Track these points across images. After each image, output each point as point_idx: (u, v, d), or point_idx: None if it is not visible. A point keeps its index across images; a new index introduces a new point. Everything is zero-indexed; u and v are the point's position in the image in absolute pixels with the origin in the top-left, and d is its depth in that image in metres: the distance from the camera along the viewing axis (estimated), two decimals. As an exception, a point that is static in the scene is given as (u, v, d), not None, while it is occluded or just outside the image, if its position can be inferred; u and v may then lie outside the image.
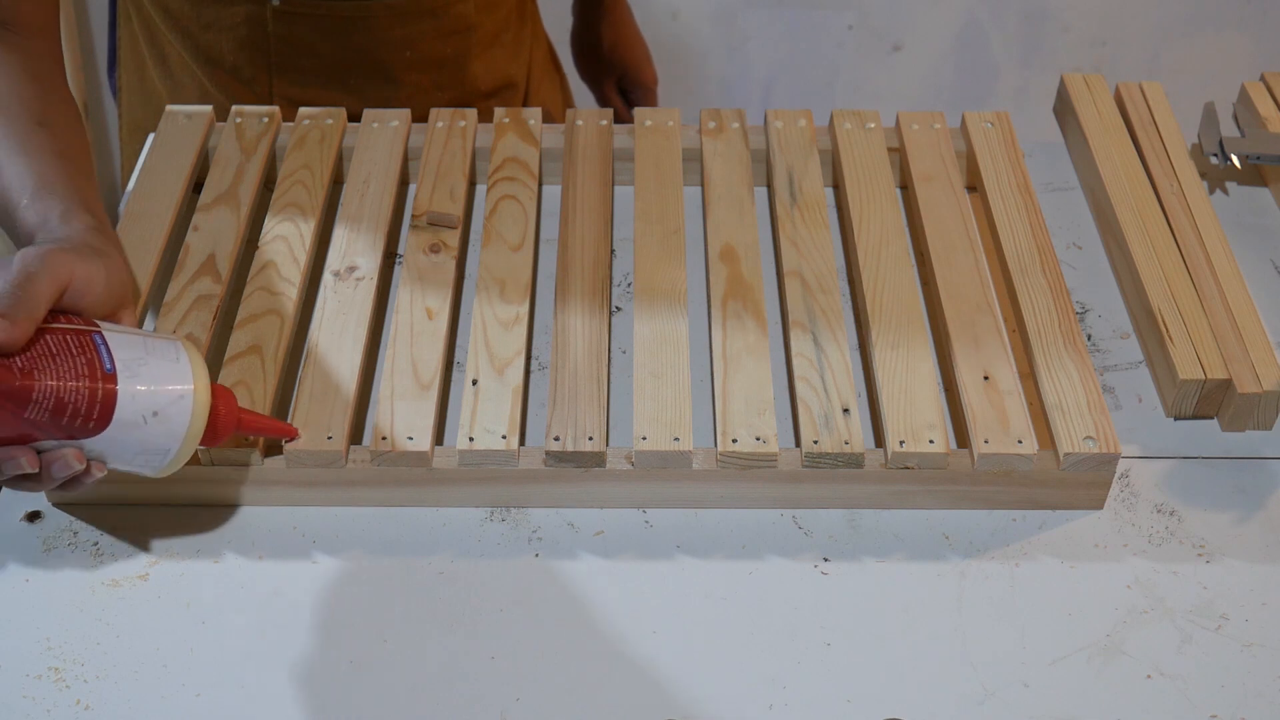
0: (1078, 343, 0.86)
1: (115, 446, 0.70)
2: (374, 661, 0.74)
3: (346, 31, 1.12)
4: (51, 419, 0.67)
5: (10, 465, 0.67)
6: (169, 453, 0.71)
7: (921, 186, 0.99)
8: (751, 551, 0.80)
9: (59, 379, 0.67)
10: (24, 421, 0.66)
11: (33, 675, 0.73)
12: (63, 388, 0.67)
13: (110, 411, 0.68)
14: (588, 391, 0.83)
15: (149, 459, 0.71)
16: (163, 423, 0.70)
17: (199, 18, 1.12)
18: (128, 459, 0.71)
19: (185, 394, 0.71)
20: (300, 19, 1.11)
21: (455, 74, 1.18)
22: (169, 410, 0.70)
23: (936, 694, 0.73)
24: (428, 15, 1.14)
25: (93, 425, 0.68)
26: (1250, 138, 1.06)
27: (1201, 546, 0.81)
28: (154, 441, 0.71)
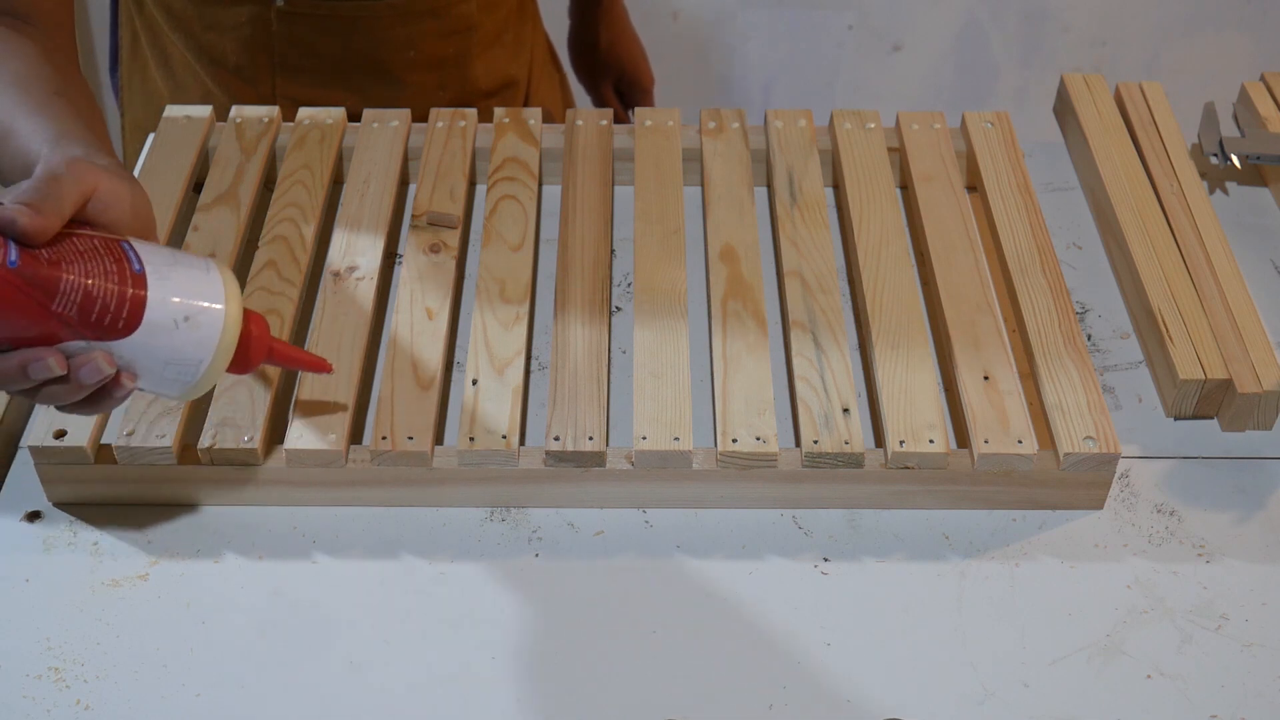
0: (1078, 343, 0.86)
1: (145, 353, 0.67)
2: (374, 661, 0.74)
3: (350, 31, 1.12)
4: (80, 314, 0.64)
5: (38, 367, 0.64)
6: (200, 364, 0.68)
7: (921, 186, 0.99)
8: (751, 551, 0.80)
9: (87, 274, 0.65)
10: (51, 315, 0.64)
11: (33, 675, 0.73)
12: (91, 282, 0.65)
13: (140, 311, 0.66)
14: (588, 391, 0.83)
15: (179, 371, 0.68)
16: (194, 329, 0.68)
17: (202, 18, 1.12)
18: (157, 370, 0.68)
19: (217, 302, 0.68)
20: (304, 19, 1.11)
21: (457, 73, 1.18)
22: (200, 318, 0.68)
23: (936, 694, 0.73)
24: (430, 15, 1.14)
25: (122, 325, 0.66)
26: (1250, 138, 1.06)
27: (1201, 546, 0.81)
28: (185, 350, 0.68)
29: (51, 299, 0.64)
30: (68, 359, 0.65)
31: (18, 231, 0.63)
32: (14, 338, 0.64)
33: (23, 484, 0.83)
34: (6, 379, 0.65)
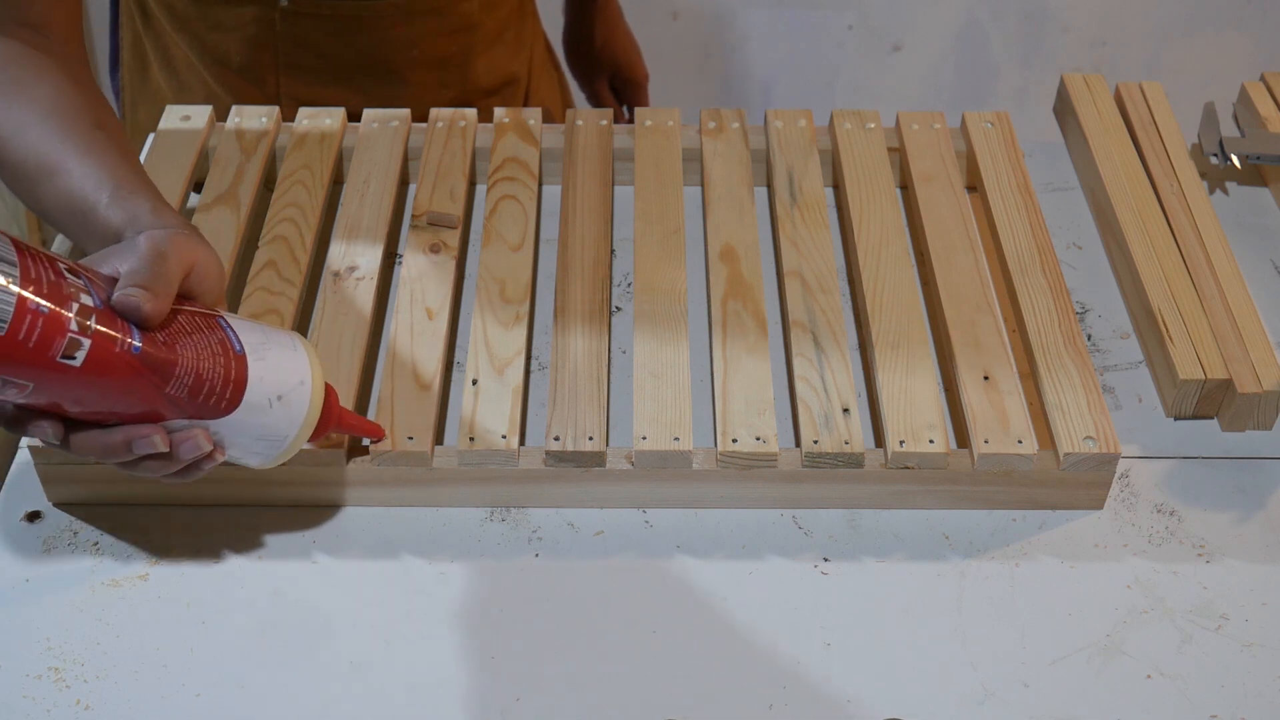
0: (1078, 343, 0.86)
1: (238, 430, 0.69)
2: (374, 661, 0.74)
3: (354, 31, 1.13)
4: (189, 396, 0.66)
5: (143, 444, 0.66)
6: (285, 440, 0.72)
7: (921, 186, 0.99)
8: (751, 551, 0.80)
9: (198, 358, 0.67)
10: (163, 397, 0.66)
11: (33, 675, 0.73)
12: (201, 365, 0.67)
13: (241, 392, 0.68)
14: (588, 391, 0.83)
15: (266, 446, 0.71)
16: (285, 408, 0.71)
17: (206, 18, 1.12)
18: (245, 444, 0.71)
19: (305, 381, 0.71)
20: (308, 19, 1.12)
21: (459, 72, 1.19)
22: (291, 396, 0.71)
23: (936, 694, 0.73)
24: (433, 14, 1.14)
25: (224, 405, 0.68)
26: (1250, 138, 1.06)
27: (1201, 546, 0.81)
28: (274, 427, 0.71)
29: (167, 383, 0.66)
30: (169, 434, 0.67)
31: (141, 317, 0.65)
32: (122, 414, 0.66)
33: (23, 484, 0.83)
34: (109, 451, 0.67)
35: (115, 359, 0.63)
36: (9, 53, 0.80)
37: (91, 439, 0.67)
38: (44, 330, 0.60)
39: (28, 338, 0.60)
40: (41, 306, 0.60)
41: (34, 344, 0.60)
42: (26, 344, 0.60)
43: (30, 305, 0.60)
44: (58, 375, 0.62)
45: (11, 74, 0.79)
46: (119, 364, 0.63)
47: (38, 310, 0.60)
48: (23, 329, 0.60)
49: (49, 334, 0.61)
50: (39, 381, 0.62)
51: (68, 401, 0.64)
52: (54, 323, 0.61)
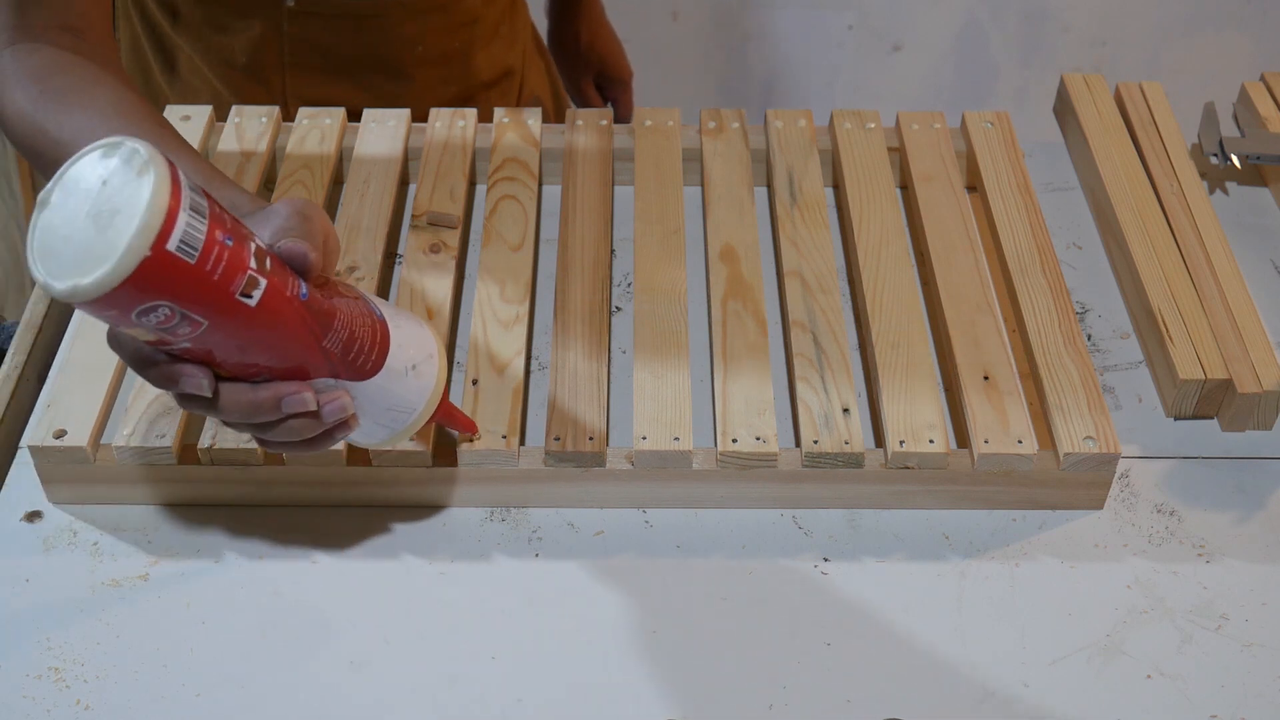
0: (1078, 343, 0.86)
1: (374, 397, 0.69)
2: (374, 661, 0.74)
3: (360, 29, 1.13)
4: (342, 351, 0.66)
5: (293, 400, 0.65)
6: (413, 412, 0.71)
7: (921, 186, 0.99)
8: (751, 551, 0.80)
9: (350, 313, 0.67)
10: (319, 350, 0.65)
11: (33, 675, 0.73)
12: (354, 322, 0.67)
13: (384, 356, 0.68)
14: (588, 391, 0.83)
15: (394, 417, 0.71)
16: (418, 378, 0.70)
17: (209, 21, 1.12)
18: (377, 414, 0.70)
19: (433, 355, 0.71)
20: (315, 19, 1.12)
21: (461, 67, 1.20)
22: (424, 367, 0.71)
23: (936, 694, 0.73)
24: (438, 10, 1.15)
25: (369, 367, 0.68)
26: (1250, 138, 1.06)
27: (1201, 546, 0.81)
28: (406, 397, 0.70)
29: (326, 334, 0.65)
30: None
31: (307, 265, 0.65)
32: (275, 368, 0.65)
33: (23, 484, 0.83)
34: (259, 409, 0.65)
35: (285, 303, 0.63)
36: (58, 60, 0.79)
37: (240, 393, 0.65)
38: (229, 264, 0.59)
39: (214, 269, 0.59)
40: (227, 240, 0.60)
41: (219, 277, 0.59)
42: (212, 276, 0.59)
43: (218, 238, 0.59)
44: (233, 313, 0.61)
45: (65, 81, 0.79)
46: (288, 308, 0.63)
47: (224, 244, 0.59)
48: (210, 260, 0.59)
49: (232, 269, 0.60)
50: (214, 319, 0.60)
51: (232, 347, 0.63)
52: (237, 259, 0.60)
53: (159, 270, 0.57)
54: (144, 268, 0.56)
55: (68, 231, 0.58)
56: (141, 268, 0.56)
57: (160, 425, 0.80)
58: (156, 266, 0.57)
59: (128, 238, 0.56)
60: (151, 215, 0.56)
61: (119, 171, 0.58)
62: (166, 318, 0.59)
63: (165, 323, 0.59)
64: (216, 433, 0.80)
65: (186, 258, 0.58)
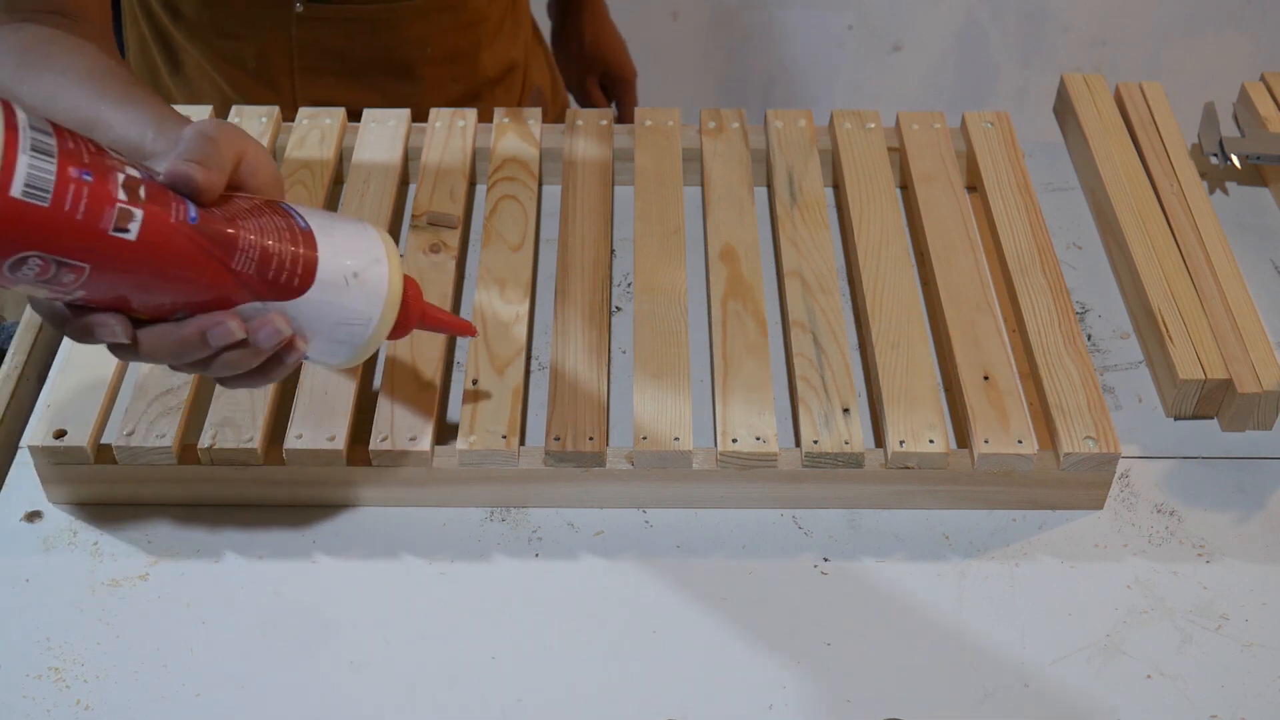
0: (1078, 343, 0.86)
1: (317, 313, 0.65)
2: (374, 661, 0.74)
3: (370, 32, 1.13)
4: (258, 272, 0.63)
5: (218, 332, 0.62)
6: (370, 321, 0.67)
7: (921, 186, 0.99)
8: (751, 551, 0.80)
9: (261, 232, 0.63)
10: (230, 274, 0.62)
11: (33, 675, 0.73)
12: (266, 240, 0.63)
13: (313, 269, 0.65)
14: (588, 391, 0.83)
15: (349, 331, 0.67)
16: (362, 285, 0.67)
17: (218, 25, 1.12)
18: (328, 331, 0.67)
19: (380, 258, 0.68)
20: (325, 23, 1.12)
21: (468, 65, 1.20)
22: (368, 273, 0.67)
23: (936, 694, 0.73)
24: (447, 10, 1.16)
25: (298, 283, 0.64)
26: (1250, 138, 1.06)
27: (1201, 546, 0.81)
28: (355, 308, 0.67)
29: (231, 257, 0.62)
30: (244, 322, 0.64)
31: (194, 187, 0.62)
32: (190, 301, 0.62)
33: (23, 484, 0.83)
34: (185, 348, 0.63)
35: (171, 230, 0.60)
36: (42, 34, 0.79)
37: (162, 334, 0.63)
38: (90, 200, 0.57)
39: (74, 208, 0.56)
40: (84, 174, 0.57)
41: (82, 215, 0.56)
42: (74, 215, 0.56)
43: (72, 174, 0.56)
44: (113, 251, 0.58)
45: (44, 50, 0.78)
46: (176, 236, 0.60)
47: (80, 179, 0.56)
48: (67, 199, 0.56)
49: (96, 204, 0.57)
50: (94, 260, 0.58)
51: (129, 288, 0.60)
52: (100, 194, 0.57)
53: (8, 219, 0.54)
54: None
55: None
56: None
57: (160, 425, 0.80)
58: (4, 216, 0.54)
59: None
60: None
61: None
62: (41, 268, 0.56)
63: (42, 274, 0.57)
64: (216, 433, 0.80)
65: (38, 201, 0.55)
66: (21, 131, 0.55)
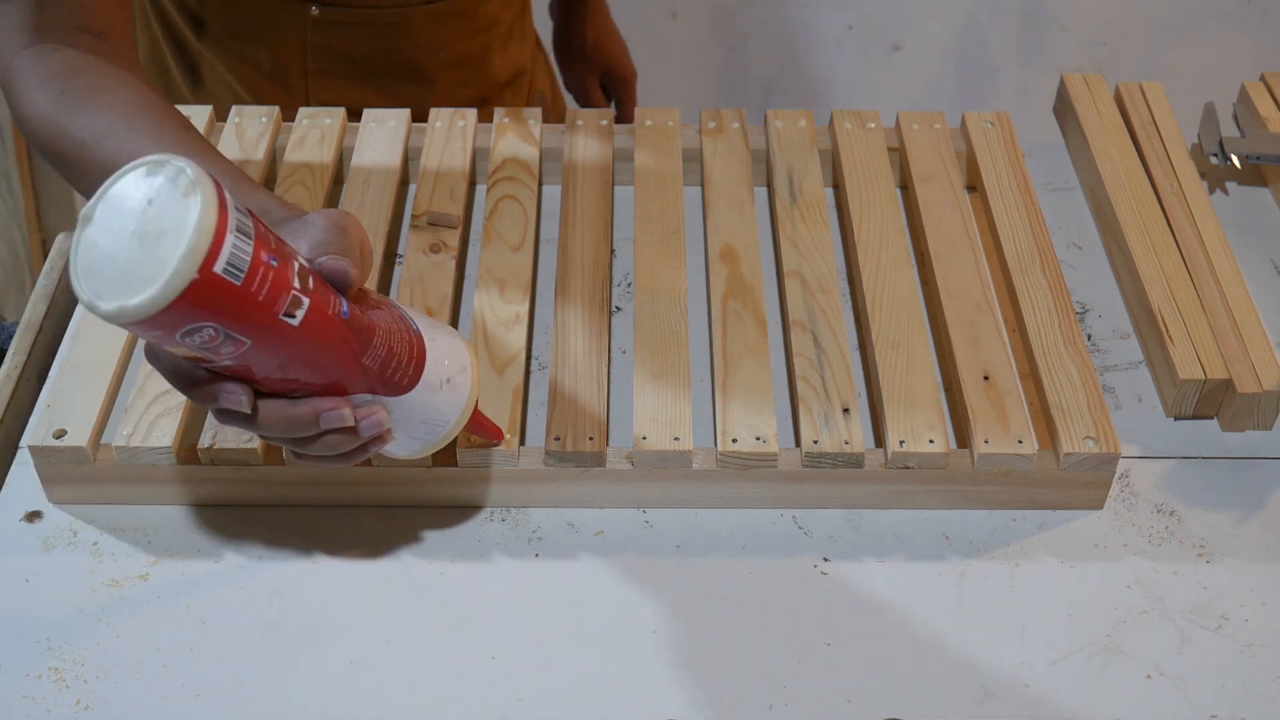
0: (1078, 343, 0.86)
1: (409, 411, 0.69)
2: (374, 661, 0.74)
3: (385, 36, 1.14)
4: (380, 367, 0.66)
5: (332, 416, 0.65)
6: (446, 425, 0.71)
7: (921, 186, 0.99)
8: (751, 551, 0.80)
9: (389, 330, 0.66)
10: (359, 366, 0.65)
11: (33, 675, 0.73)
12: (392, 338, 0.67)
13: (420, 371, 0.68)
14: (588, 391, 0.83)
15: (429, 430, 0.71)
16: (451, 392, 0.70)
17: (232, 28, 1.12)
18: (410, 428, 0.70)
19: (467, 368, 0.72)
20: (339, 26, 1.12)
21: (479, 69, 1.21)
22: (457, 380, 0.71)
23: (936, 694, 0.73)
24: (460, 16, 1.16)
25: (406, 382, 0.68)
26: (1250, 138, 1.06)
27: (1201, 546, 0.81)
28: (439, 411, 0.70)
29: (365, 351, 0.65)
30: None
31: (348, 282, 0.64)
32: (314, 384, 0.65)
33: (23, 484, 0.83)
34: (297, 425, 0.66)
35: (328, 321, 0.63)
36: (77, 61, 0.79)
37: (278, 409, 0.65)
38: (274, 285, 0.59)
39: (259, 290, 0.59)
40: (272, 261, 0.59)
41: (264, 298, 0.59)
42: (257, 296, 0.59)
43: (263, 259, 0.59)
44: (277, 333, 0.61)
45: (87, 81, 0.78)
46: (330, 327, 0.63)
47: (269, 265, 0.59)
48: (255, 281, 0.59)
49: (277, 289, 0.60)
50: (258, 338, 0.60)
51: (271, 365, 0.63)
52: (281, 279, 0.60)
53: (205, 292, 0.57)
54: (191, 290, 0.56)
55: (112, 250, 0.58)
56: (189, 290, 0.56)
57: (160, 425, 0.80)
58: (203, 289, 0.57)
59: (175, 260, 0.56)
60: (199, 237, 0.56)
61: (164, 190, 0.58)
62: (211, 338, 0.59)
63: (209, 342, 0.59)
64: (216, 433, 0.80)
65: (233, 279, 0.58)
66: (230, 213, 0.58)
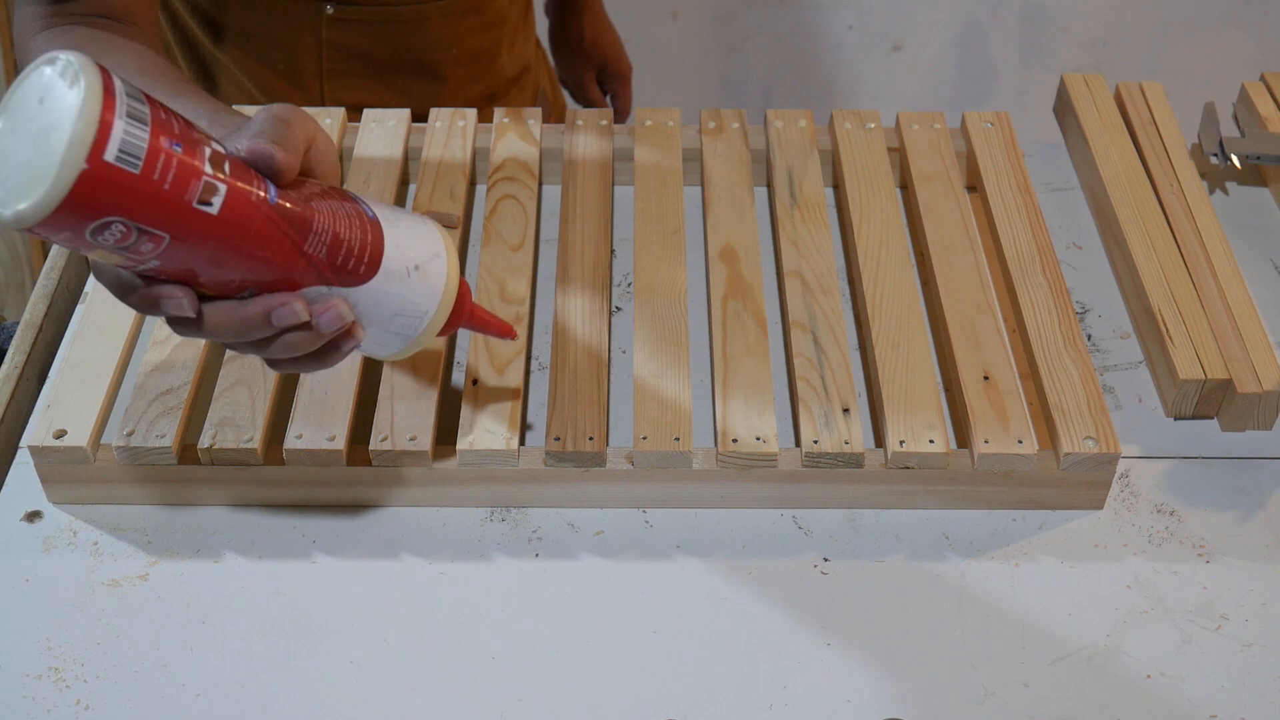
0: (1078, 343, 0.86)
1: (377, 302, 0.66)
2: (374, 661, 0.74)
3: (399, 34, 1.14)
4: (328, 256, 0.63)
5: (283, 312, 0.62)
6: (426, 315, 0.68)
7: (921, 186, 0.99)
8: (751, 551, 0.80)
9: (333, 217, 0.64)
10: (301, 256, 0.62)
11: (33, 675, 0.73)
12: (338, 225, 0.64)
13: (379, 257, 0.65)
14: (588, 391, 0.83)
15: (405, 323, 0.68)
16: (423, 279, 0.67)
17: (246, 29, 1.13)
18: (385, 321, 0.67)
19: (440, 254, 0.69)
20: (354, 24, 1.12)
21: (489, 65, 1.21)
22: (428, 266, 0.68)
23: (936, 694, 0.73)
24: (472, 12, 1.17)
25: (363, 270, 0.65)
26: (1250, 138, 1.06)
27: (1201, 546, 0.81)
28: (413, 300, 0.68)
29: (305, 239, 0.62)
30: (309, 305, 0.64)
31: (274, 167, 0.62)
32: (259, 280, 0.62)
33: (23, 484, 0.83)
34: (248, 326, 0.63)
35: (252, 208, 0.60)
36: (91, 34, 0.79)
37: (226, 311, 0.63)
38: (179, 171, 0.57)
39: (163, 178, 0.56)
40: (174, 146, 0.57)
41: (170, 185, 0.57)
42: (162, 185, 0.56)
43: (163, 145, 0.56)
44: (194, 223, 0.58)
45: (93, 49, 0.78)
46: (256, 214, 0.60)
47: (171, 150, 0.57)
48: (157, 168, 0.56)
49: (184, 175, 0.57)
50: (176, 231, 0.58)
51: (202, 262, 0.60)
52: (188, 165, 0.58)
53: (100, 183, 0.54)
54: (82, 182, 0.54)
55: (13, 155, 0.55)
56: (80, 182, 0.54)
57: (160, 425, 0.80)
58: (97, 180, 0.54)
59: (61, 151, 0.53)
60: (83, 126, 0.54)
61: (54, 85, 0.55)
62: (123, 235, 0.57)
63: (123, 240, 0.57)
64: (216, 433, 0.80)
65: (129, 168, 0.55)
66: (119, 98, 0.55)
